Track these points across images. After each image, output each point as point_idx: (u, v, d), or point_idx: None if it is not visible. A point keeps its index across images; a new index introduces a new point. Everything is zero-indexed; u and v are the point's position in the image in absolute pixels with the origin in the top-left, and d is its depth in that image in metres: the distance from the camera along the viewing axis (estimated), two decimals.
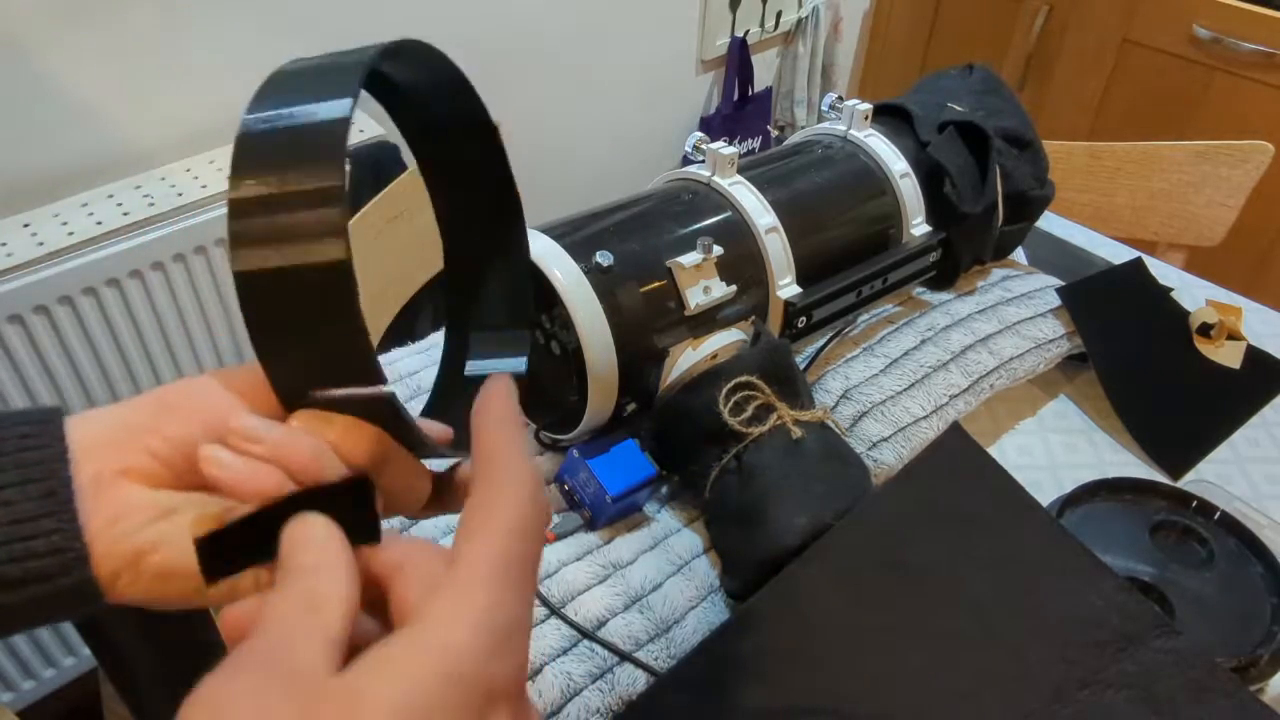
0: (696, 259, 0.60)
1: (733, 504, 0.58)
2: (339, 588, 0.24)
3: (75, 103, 1.09)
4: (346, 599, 0.24)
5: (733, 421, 0.57)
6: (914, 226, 0.73)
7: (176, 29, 1.13)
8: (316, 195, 0.27)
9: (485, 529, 0.25)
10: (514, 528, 0.25)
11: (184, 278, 1.13)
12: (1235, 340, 0.82)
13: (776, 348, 0.61)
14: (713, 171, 0.66)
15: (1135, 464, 0.75)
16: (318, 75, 0.29)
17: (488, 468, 0.26)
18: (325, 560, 0.24)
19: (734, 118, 1.91)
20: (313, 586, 0.24)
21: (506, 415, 0.27)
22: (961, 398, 0.70)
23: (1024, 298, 0.80)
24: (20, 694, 1.22)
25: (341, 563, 0.24)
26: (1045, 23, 1.77)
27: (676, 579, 0.58)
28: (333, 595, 0.23)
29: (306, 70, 0.30)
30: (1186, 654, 0.47)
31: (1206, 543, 0.62)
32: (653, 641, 0.54)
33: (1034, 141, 0.80)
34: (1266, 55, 1.51)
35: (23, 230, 1.05)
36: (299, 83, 0.29)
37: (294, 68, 0.30)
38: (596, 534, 0.60)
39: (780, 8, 1.89)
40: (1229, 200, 1.21)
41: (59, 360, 1.08)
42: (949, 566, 0.52)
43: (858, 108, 0.74)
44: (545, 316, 0.59)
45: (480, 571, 0.24)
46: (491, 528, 0.25)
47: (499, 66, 1.51)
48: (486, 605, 0.23)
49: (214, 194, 1.12)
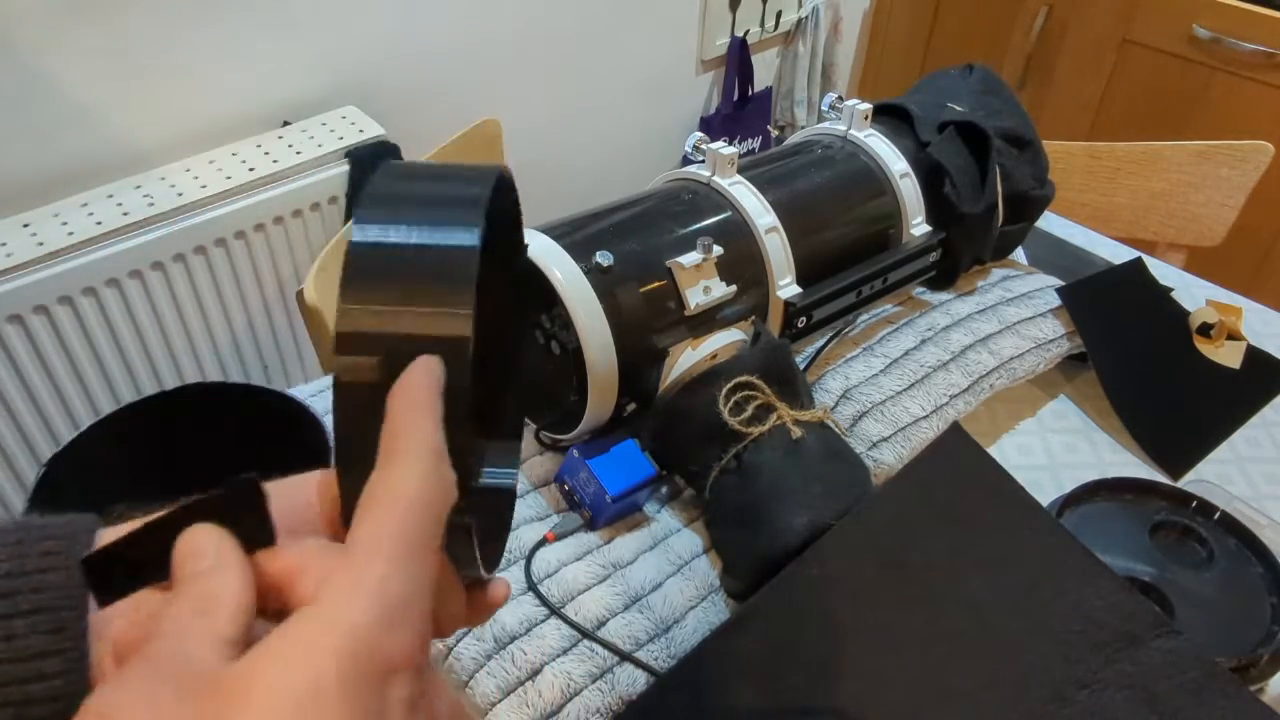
0: (696, 259, 0.60)
1: (732, 504, 0.58)
2: (230, 587, 0.23)
3: (75, 103, 1.09)
4: (238, 598, 0.23)
5: (732, 421, 0.57)
6: (914, 226, 0.73)
7: (176, 29, 1.13)
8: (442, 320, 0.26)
9: (381, 503, 0.24)
10: (411, 500, 0.24)
11: (184, 278, 1.13)
12: (1235, 340, 0.82)
13: (776, 348, 0.61)
14: (713, 171, 0.66)
15: (1135, 464, 0.75)
16: (436, 199, 0.28)
17: (390, 443, 0.25)
18: (215, 564, 0.24)
19: (734, 118, 1.91)
20: (203, 590, 0.23)
21: (419, 398, 0.26)
22: (961, 398, 0.70)
23: (1024, 298, 0.80)
24: None
25: (232, 564, 0.24)
26: (1045, 23, 1.77)
27: (676, 579, 0.58)
28: (224, 595, 0.23)
29: (420, 192, 0.29)
30: (1186, 654, 0.47)
31: (1206, 543, 0.62)
32: (653, 641, 0.54)
33: (1034, 141, 0.80)
34: (1266, 55, 1.51)
35: (22, 230, 1.05)
36: (417, 201, 0.28)
37: (403, 185, 0.29)
38: (596, 534, 0.60)
39: (780, 8, 1.89)
40: (1229, 200, 1.21)
41: (59, 360, 1.08)
42: (949, 566, 0.52)
43: (858, 108, 0.74)
44: (545, 316, 0.59)
45: (375, 545, 0.23)
46: (387, 501, 0.24)
47: (499, 66, 1.51)
48: (381, 576, 0.22)
49: (214, 194, 1.12)
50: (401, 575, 0.23)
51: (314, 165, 1.19)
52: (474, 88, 1.49)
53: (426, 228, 0.27)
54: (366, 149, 1.23)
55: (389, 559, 0.23)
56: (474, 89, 1.49)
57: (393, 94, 1.38)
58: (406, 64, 1.38)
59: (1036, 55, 1.81)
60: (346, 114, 1.28)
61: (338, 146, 1.21)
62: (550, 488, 0.63)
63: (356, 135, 1.23)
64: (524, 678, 0.51)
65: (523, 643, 0.53)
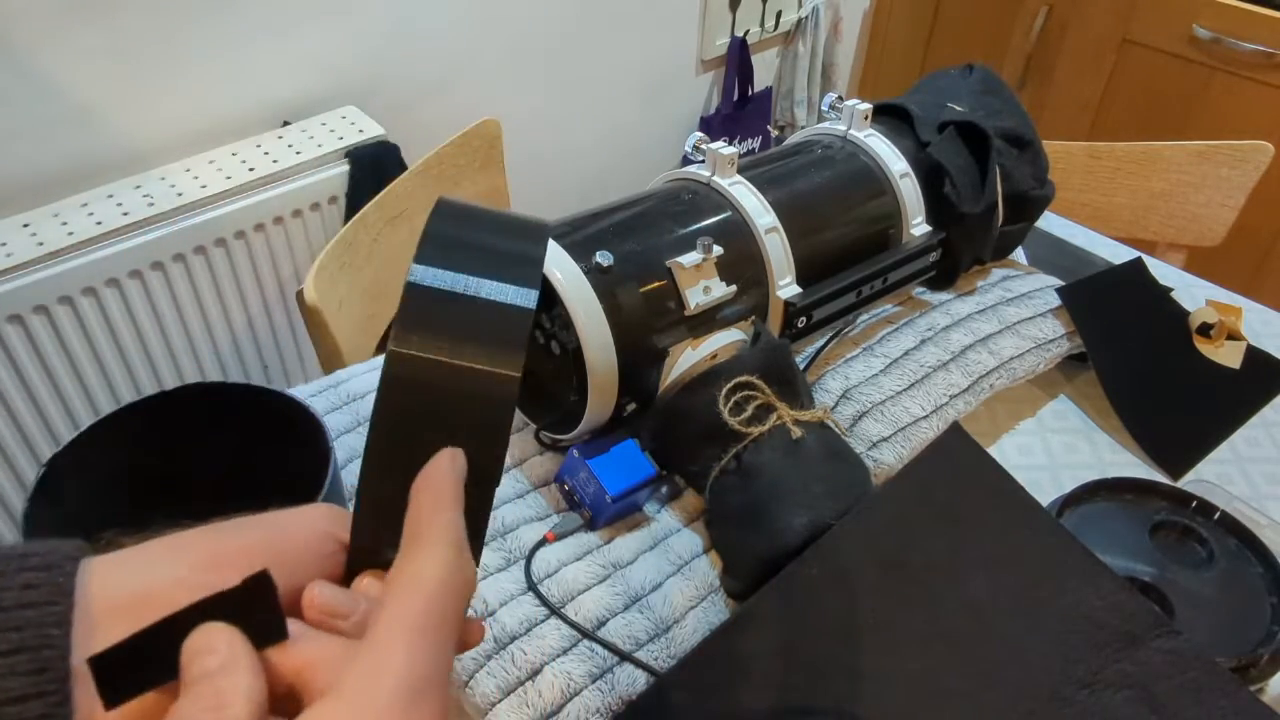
0: (696, 259, 0.60)
1: (733, 504, 0.58)
2: (242, 684, 0.23)
3: (75, 102, 1.09)
4: (251, 695, 0.23)
5: (732, 421, 0.57)
6: (914, 226, 0.73)
7: (177, 28, 1.13)
8: (489, 378, 0.26)
9: (405, 591, 0.24)
10: (433, 588, 0.24)
11: (184, 278, 1.13)
12: (1235, 340, 0.82)
13: (776, 348, 0.61)
14: (712, 171, 0.66)
15: (1135, 464, 0.75)
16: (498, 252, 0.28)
17: (414, 529, 0.26)
18: (226, 662, 0.23)
19: (734, 118, 1.91)
20: (215, 688, 0.23)
21: (442, 488, 0.26)
22: (961, 398, 0.70)
23: (1024, 298, 0.80)
24: None
25: (243, 662, 0.23)
26: (1045, 23, 1.77)
27: (676, 579, 0.58)
28: (235, 695, 0.22)
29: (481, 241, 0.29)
30: (1186, 654, 0.47)
31: (1206, 543, 0.62)
32: (653, 641, 0.54)
33: (1034, 142, 0.80)
34: (1266, 55, 1.51)
35: (22, 230, 1.05)
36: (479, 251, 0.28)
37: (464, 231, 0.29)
38: (596, 534, 0.60)
39: (780, 7, 1.89)
40: (1229, 200, 1.21)
41: (59, 360, 1.08)
42: (949, 566, 0.52)
43: (858, 107, 0.74)
44: (545, 316, 0.59)
45: (398, 632, 0.23)
46: (410, 589, 0.24)
47: (499, 66, 1.51)
48: (403, 663, 0.23)
49: (214, 194, 1.12)
50: (422, 661, 0.23)
51: (314, 165, 1.19)
52: (474, 88, 1.49)
53: (489, 280, 0.27)
54: (366, 149, 1.23)
55: (410, 646, 0.23)
56: (474, 89, 1.49)
57: (393, 94, 1.38)
58: (406, 64, 1.38)
59: (1036, 55, 1.81)
60: (346, 114, 1.28)
61: (338, 146, 1.21)
62: (550, 488, 0.63)
63: (356, 135, 1.23)
64: (524, 678, 0.51)
65: (523, 643, 0.53)
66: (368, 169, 1.22)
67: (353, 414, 0.67)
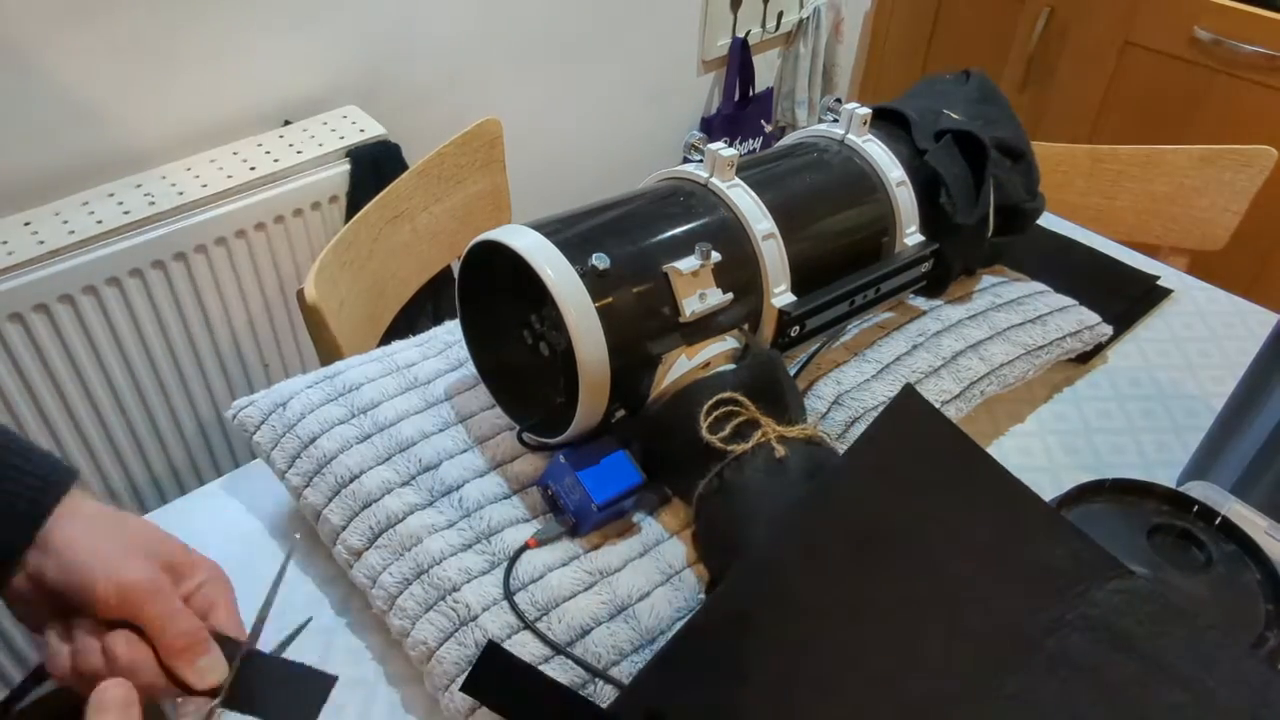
0: (694, 265, 0.58)
1: (715, 524, 0.57)
2: None
3: (75, 101, 1.09)
4: None
5: (712, 439, 0.56)
6: (907, 236, 0.73)
7: (178, 27, 1.13)
8: None
9: None
10: None
11: (184, 277, 1.14)
12: None
13: (765, 362, 0.59)
14: (710, 172, 0.65)
15: (1135, 465, 0.74)
16: None
17: None
18: None
19: (735, 118, 1.91)
20: None
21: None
22: (953, 404, 0.70)
23: (1013, 304, 0.79)
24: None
25: None
26: (1046, 25, 1.77)
27: (665, 589, 0.57)
28: None
29: None
30: (1140, 591, 0.49)
31: (1204, 546, 0.61)
32: (636, 653, 0.53)
33: (1027, 153, 0.79)
34: (1268, 57, 1.51)
35: (23, 229, 1.05)
36: None
37: None
38: (584, 540, 0.59)
39: (781, 8, 1.88)
40: (1232, 205, 1.21)
41: (59, 359, 1.08)
42: (912, 532, 0.52)
43: (857, 112, 0.73)
44: (535, 316, 0.58)
45: None
46: None
47: (502, 66, 1.51)
48: None
49: (215, 193, 1.12)
50: None
51: (315, 164, 1.19)
52: (475, 87, 1.49)
53: None
54: (367, 148, 1.23)
55: None
56: (475, 89, 1.49)
57: (394, 93, 1.38)
58: (408, 63, 1.38)
59: (1038, 57, 1.81)
60: (347, 113, 1.29)
61: (339, 146, 1.21)
62: (531, 491, 0.62)
63: (358, 134, 1.23)
64: None
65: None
66: (369, 168, 1.22)
67: (347, 406, 0.66)
